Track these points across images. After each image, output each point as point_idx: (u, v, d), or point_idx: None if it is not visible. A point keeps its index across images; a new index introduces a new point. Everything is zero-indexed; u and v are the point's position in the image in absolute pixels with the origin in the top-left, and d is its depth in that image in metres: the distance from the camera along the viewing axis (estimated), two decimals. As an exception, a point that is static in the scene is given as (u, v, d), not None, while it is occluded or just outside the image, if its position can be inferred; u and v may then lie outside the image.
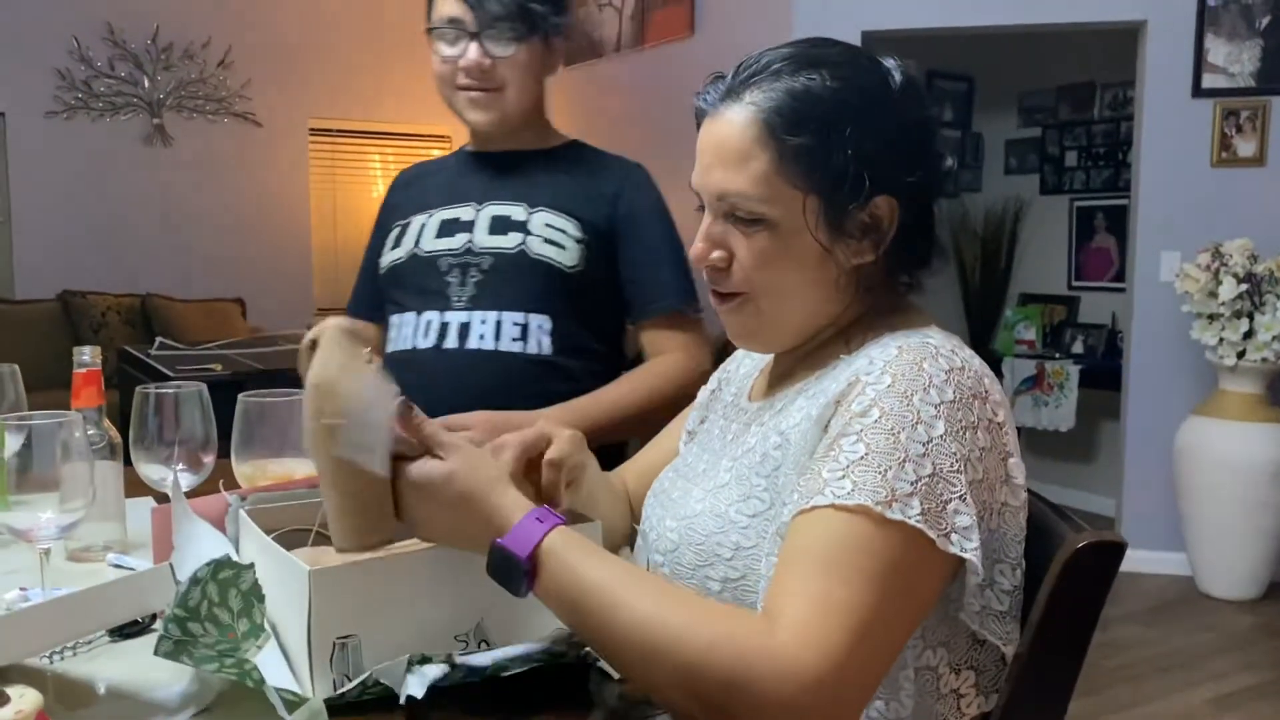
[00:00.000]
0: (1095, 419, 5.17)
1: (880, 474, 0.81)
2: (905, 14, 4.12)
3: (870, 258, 0.94)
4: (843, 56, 0.95)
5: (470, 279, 1.58)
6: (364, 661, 0.83)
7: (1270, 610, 3.81)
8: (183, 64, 6.17)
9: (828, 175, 0.91)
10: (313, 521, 0.99)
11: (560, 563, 0.82)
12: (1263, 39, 3.97)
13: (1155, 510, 4.15)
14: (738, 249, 0.95)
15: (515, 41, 1.57)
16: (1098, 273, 5.44)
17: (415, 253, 1.63)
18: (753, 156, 0.92)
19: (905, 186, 0.93)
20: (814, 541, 0.80)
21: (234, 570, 0.81)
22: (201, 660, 0.79)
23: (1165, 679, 3.21)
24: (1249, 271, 3.73)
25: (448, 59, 1.60)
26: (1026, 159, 5.74)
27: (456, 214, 1.64)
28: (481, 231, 1.60)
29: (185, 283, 6.06)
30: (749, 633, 0.77)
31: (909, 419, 0.83)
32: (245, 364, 3.81)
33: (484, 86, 1.60)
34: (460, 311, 1.57)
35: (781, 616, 0.77)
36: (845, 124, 0.90)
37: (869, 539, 0.79)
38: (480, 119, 1.63)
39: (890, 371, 0.86)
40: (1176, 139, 4.06)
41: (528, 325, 1.56)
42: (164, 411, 1.18)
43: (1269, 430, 3.77)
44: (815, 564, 0.79)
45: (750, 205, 0.92)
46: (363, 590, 0.84)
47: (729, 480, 0.97)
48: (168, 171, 6.17)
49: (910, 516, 0.79)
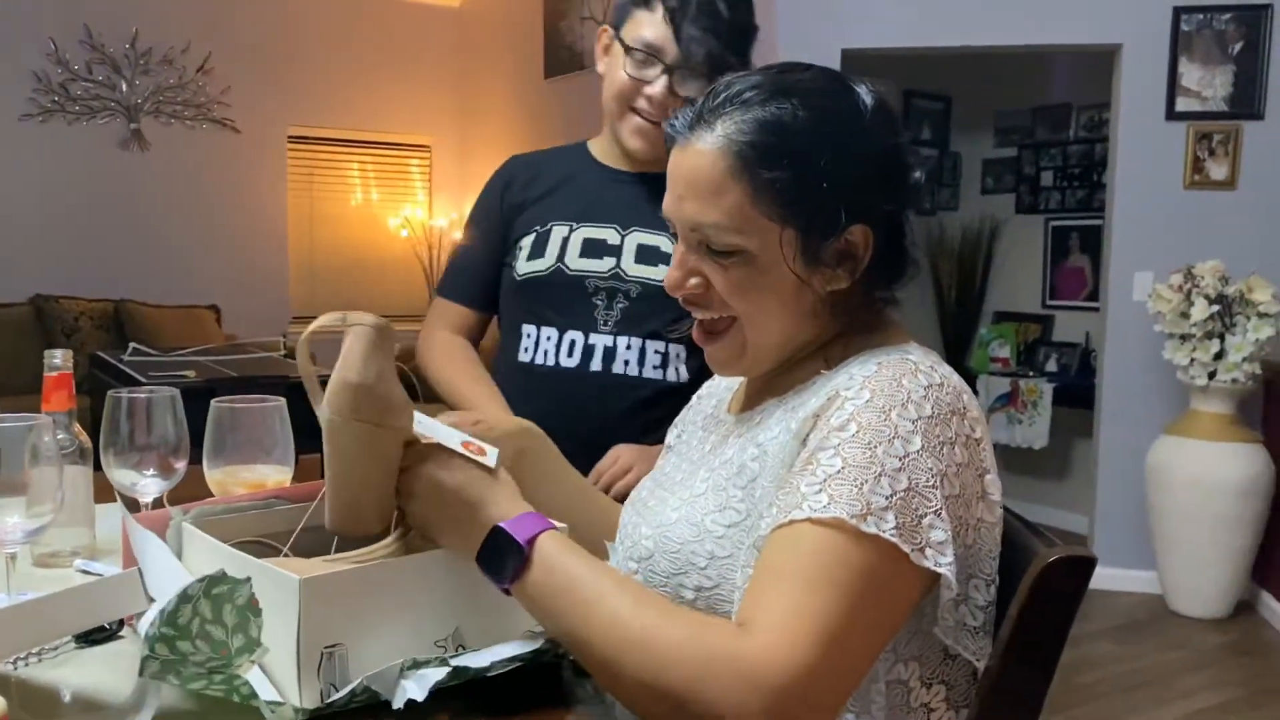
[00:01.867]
0: (1068, 437, 5.21)
1: (856, 488, 0.81)
2: (885, 34, 4.16)
3: (846, 284, 0.95)
4: (814, 83, 0.94)
5: (617, 304, 1.60)
6: (349, 670, 0.83)
7: (1238, 629, 3.85)
8: (161, 69, 6.14)
9: (803, 208, 0.91)
10: (259, 532, 0.99)
11: (552, 556, 0.85)
12: (1235, 64, 4.02)
13: (1127, 528, 4.18)
14: (714, 278, 0.95)
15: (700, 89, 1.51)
16: (1072, 292, 5.49)
17: (560, 268, 1.63)
18: (726, 189, 0.91)
19: (880, 214, 0.93)
20: (789, 555, 0.81)
21: (229, 585, 0.80)
22: (190, 679, 0.78)
23: (1135, 697, 3.23)
24: (1220, 293, 3.78)
25: (635, 80, 1.56)
26: (1003, 178, 5.79)
27: (602, 235, 1.63)
28: (629, 258, 1.61)
29: (160, 289, 6.01)
30: (717, 637, 0.78)
31: (886, 433, 0.83)
32: (219, 371, 3.78)
33: (659, 119, 1.55)
34: (606, 335, 1.60)
35: (752, 624, 0.78)
36: (819, 156, 0.90)
37: (844, 552, 0.79)
38: (641, 148, 1.60)
39: (869, 387, 0.86)
40: (1150, 161, 4.11)
41: (668, 354, 1.59)
42: (136, 416, 1.17)
43: (1239, 450, 3.81)
44: (789, 576, 0.80)
45: (725, 237, 0.92)
46: (349, 599, 0.84)
47: (705, 490, 0.97)
48: (144, 177, 6.13)
49: (885, 530, 0.80)
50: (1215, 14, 4.02)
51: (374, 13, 6.80)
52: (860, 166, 0.92)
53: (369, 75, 6.74)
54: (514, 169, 1.78)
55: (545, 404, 1.54)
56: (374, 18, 6.80)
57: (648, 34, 1.52)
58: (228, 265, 6.34)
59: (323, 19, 6.62)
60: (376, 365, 0.88)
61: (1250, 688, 3.33)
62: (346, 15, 6.69)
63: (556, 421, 1.45)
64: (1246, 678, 3.42)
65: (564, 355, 1.61)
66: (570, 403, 1.57)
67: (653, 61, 1.53)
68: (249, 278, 6.41)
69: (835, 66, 1.19)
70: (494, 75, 6.68)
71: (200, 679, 0.78)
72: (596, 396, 1.58)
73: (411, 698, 0.80)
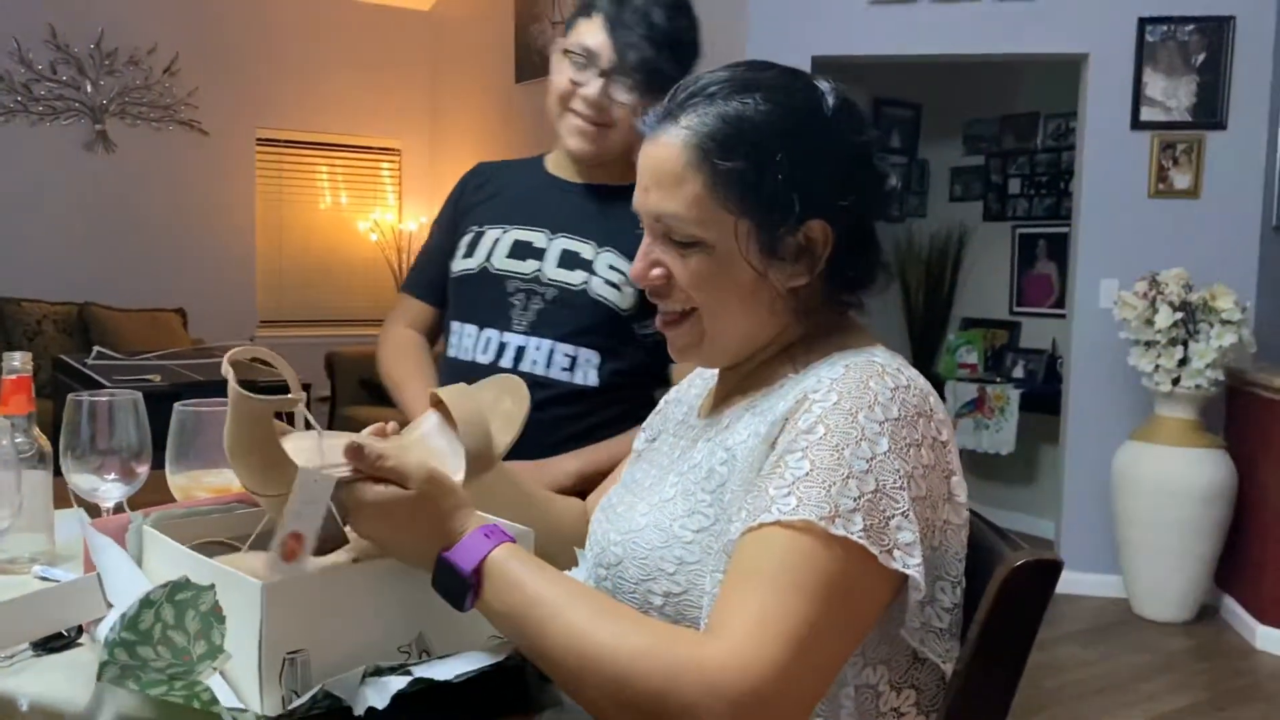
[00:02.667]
0: (1035, 442, 5.26)
1: (824, 490, 0.81)
2: (855, 41, 4.19)
3: (805, 280, 0.95)
4: (778, 80, 0.96)
5: (533, 305, 1.65)
6: (311, 676, 0.82)
7: (1201, 633, 3.89)
8: (127, 70, 6.07)
9: (759, 199, 0.92)
10: (221, 534, 0.99)
11: (502, 578, 0.84)
12: (1198, 75, 4.08)
13: (1093, 533, 4.23)
14: (675, 269, 0.96)
15: (637, 93, 1.59)
16: (1038, 299, 5.54)
17: (486, 268, 1.69)
18: (686, 180, 0.93)
19: (839, 210, 0.94)
20: (758, 558, 0.81)
21: (193, 591, 0.79)
22: (149, 685, 0.77)
23: (1101, 700, 3.26)
24: (1184, 300, 3.83)
25: (572, 82, 1.62)
26: (971, 186, 5.84)
27: (530, 238, 1.69)
28: (551, 263, 1.66)
29: (125, 292, 5.94)
30: (680, 645, 0.78)
31: (854, 435, 0.84)
32: (185, 375, 3.74)
33: (595, 121, 1.63)
34: (518, 335, 1.64)
35: (719, 629, 0.78)
36: (776, 149, 0.92)
37: (812, 555, 0.80)
38: (579, 148, 1.66)
39: (836, 389, 0.87)
40: (1116, 170, 4.16)
41: (577, 357, 1.63)
42: (97, 420, 1.15)
43: (1203, 456, 3.86)
44: (757, 580, 0.80)
45: (685, 228, 0.94)
46: (312, 604, 0.84)
47: (674, 495, 0.97)
48: (110, 178, 6.06)
49: (853, 532, 0.80)
50: (1179, 25, 4.08)
51: (344, 15, 6.76)
52: (819, 161, 0.93)
53: (339, 78, 6.70)
54: (473, 175, 1.85)
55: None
56: (344, 20, 6.76)
57: (587, 40, 1.60)
58: (194, 268, 6.28)
59: (292, 21, 6.58)
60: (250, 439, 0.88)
61: (1213, 690, 3.37)
62: (316, 17, 6.65)
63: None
64: (1210, 681, 3.46)
65: (480, 351, 1.66)
66: None
67: (590, 65, 1.60)
68: (216, 281, 6.34)
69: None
70: (464, 79, 6.66)
71: (160, 685, 0.77)
72: None
73: (373, 705, 0.79)
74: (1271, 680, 3.47)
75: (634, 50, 1.56)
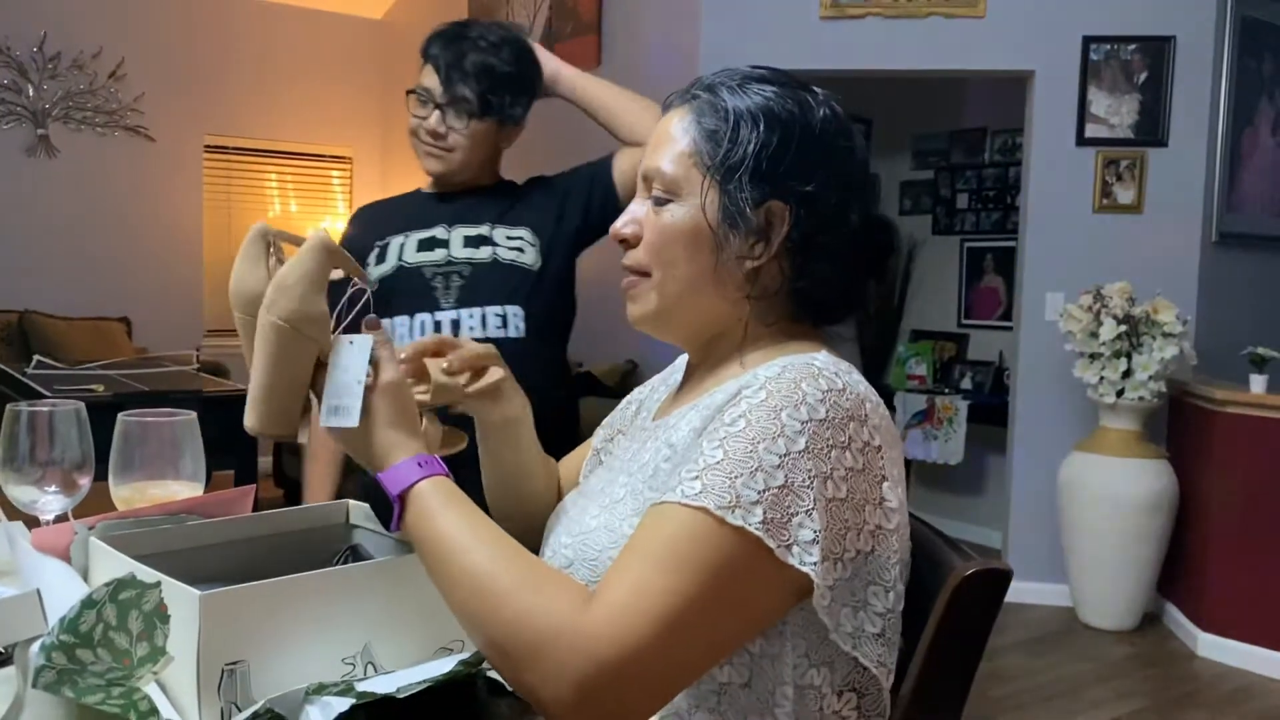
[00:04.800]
0: (982, 453, 5.32)
1: (729, 480, 0.83)
2: (806, 56, 4.23)
3: (760, 261, 0.98)
4: (779, 78, 1.02)
5: (453, 284, 1.86)
6: (251, 688, 0.80)
7: (1144, 640, 3.96)
8: (71, 74, 5.96)
9: (728, 161, 0.97)
10: (167, 546, 0.98)
11: (424, 508, 0.88)
12: (1140, 94, 4.17)
13: (1039, 542, 4.28)
14: (646, 224, 1.02)
15: (471, 119, 1.89)
16: (986, 311, 5.62)
17: (401, 265, 1.89)
18: (676, 140, 1.00)
19: (801, 195, 0.97)
20: (652, 533, 0.84)
21: (137, 590, 0.77)
22: (85, 692, 0.74)
23: (1047, 708, 3.30)
24: (1127, 313, 3.90)
25: (417, 118, 1.92)
26: (920, 200, 5.92)
27: (432, 233, 1.91)
28: (456, 246, 1.89)
29: (67, 300, 5.82)
30: (564, 606, 0.81)
31: (772, 431, 0.85)
32: (129, 385, 3.67)
33: (438, 146, 1.91)
34: (449, 311, 1.84)
35: (601, 595, 0.81)
36: (757, 123, 0.97)
37: (703, 538, 0.82)
38: (432, 168, 1.95)
39: (768, 388, 0.88)
40: (1061, 185, 4.24)
41: (506, 315, 1.84)
42: (37, 430, 1.13)
43: (1146, 466, 3.93)
44: (646, 553, 0.82)
45: (664, 181, 1.00)
46: (252, 614, 0.82)
47: (623, 495, 0.99)
48: (52, 184, 5.94)
49: (751, 524, 0.81)
50: (1121, 45, 4.16)
51: (295, 22, 6.70)
52: (793, 144, 0.97)
53: (289, 85, 6.64)
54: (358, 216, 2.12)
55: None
56: (295, 27, 6.69)
57: (425, 81, 1.91)
58: (140, 276, 6.17)
59: (241, 27, 6.50)
60: (302, 272, 0.93)
61: (1156, 698, 3.43)
62: (266, 23, 6.58)
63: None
64: (1153, 688, 3.52)
65: (417, 335, 1.82)
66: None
67: (428, 102, 1.90)
68: (162, 289, 6.24)
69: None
70: (417, 88, 6.61)
71: (98, 692, 0.75)
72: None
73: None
74: (1212, 686, 3.54)
75: (460, 87, 1.86)
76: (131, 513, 1.02)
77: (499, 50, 1.89)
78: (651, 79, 4.45)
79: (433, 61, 1.90)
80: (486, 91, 1.87)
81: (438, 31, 1.93)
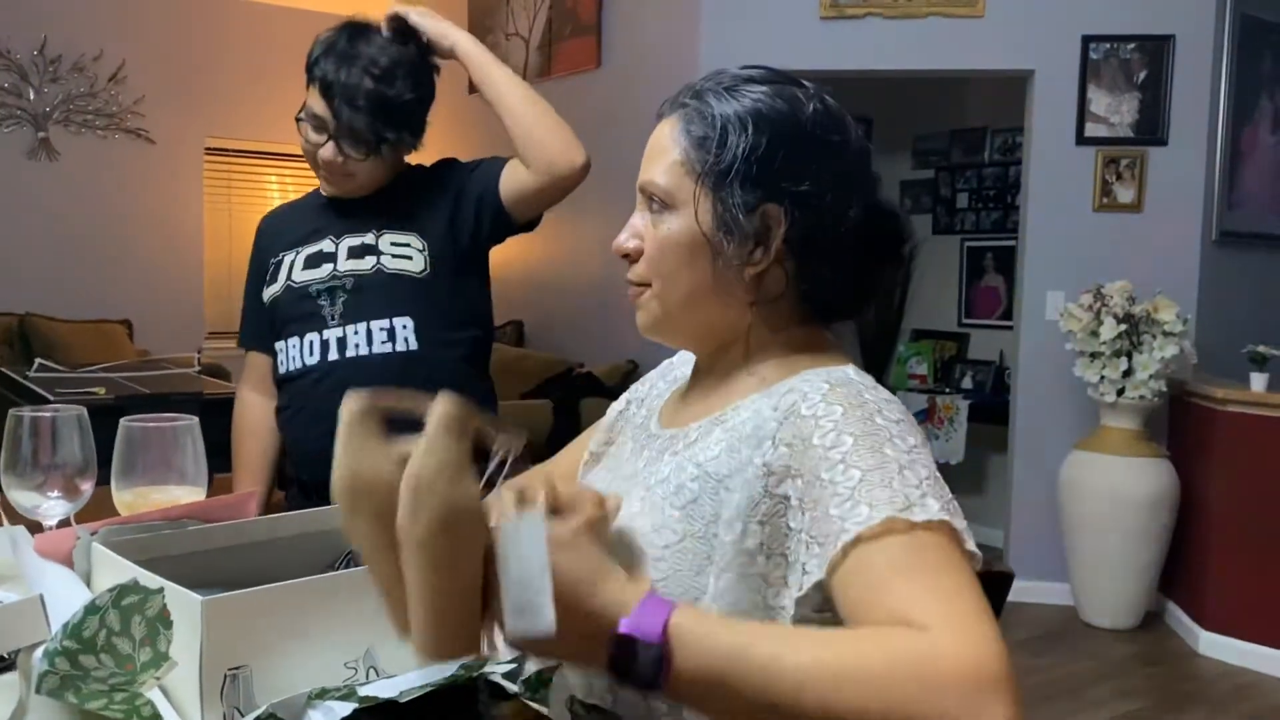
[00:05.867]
0: (983, 452, 5.32)
1: (886, 487, 0.81)
2: (806, 56, 4.22)
3: (761, 266, 0.97)
4: (773, 76, 1.01)
5: (339, 300, 1.79)
6: (254, 692, 0.81)
7: (1146, 639, 3.96)
8: (71, 77, 5.97)
9: (718, 168, 0.96)
10: (170, 550, 0.97)
11: (695, 636, 0.72)
12: (1140, 92, 4.17)
13: (1040, 541, 4.28)
14: (646, 236, 1.01)
15: (364, 149, 1.76)
16: (987, 311, 5.62)
17: (289, 284, 1.83)
18: (669, 150, 0.99)
19: (795, 195, 0.96)
20: (874, 574, 0.78)
21: (140, 595, 0.77)
22: (89, 697, 0.75)
23: (1049, 707, 3.30)
24: (1128, 312, 3.90)
25: (310, 144, 1.80)
26: (920, 199, 5.91)
27: (319, 247, 1.84)
28: (342, 259, 1.81)
29: (69, 303, 5.82)
30: (915, 642, 0.71)
31: (883, 435, 0.85)
32: (131, 388, 3.67)
33: (336, 173, 1.81)
34: (335, 328, 1.78)
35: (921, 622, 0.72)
36: (746, 127, 0.96)
37: (908, 547, 0.78)
38: (332, 192, 1.86)
39: (836, 402, 0.87)
40: (1061, 184, 4.23)
41: (393, 328, 1.77)
42: (39, 435, 1.13)
43: (1147, 465, 3.93)
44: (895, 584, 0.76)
45: (659, 192, 0.99)
46: (254, 619, 0.82)
47: (641, 509, 0.96)
48: (53, 187, 5.94)
49: (933, 513, 0.80)
50: (1121, 44, 4.16)
51: (295, 24, 6.69)
52: (790, 150, 0.96)
53: (289, 87, 6.60)
54: (262, 225, 2.02)
55: (302, 404, 1.79)
56: (295, 29, 6.67)
57: (315, 108, 1.77)
58: (141, 279, 6.17)
59: (241, 29, 6.51)
60: (439, 463, 0.73)
61: (1158, 696, 3.43)
62: (266, 26, 6.58)
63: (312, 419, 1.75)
64: (1154, 687, 3.52)
65: (306, 356, 1.79)
66: (319, 391, 1.75)
67: (321, 129, 1.77)
68: (163, 292, 6.24)
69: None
70: (417, 89, 6.61)
71: (100, 697, 0.75)
72: (340, 382, 1.64)
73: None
74: (1214, 685, 3.54)
75: (351, 119, 1.72)
76: (134, 518, 1.03)
77: (393, 78, 1.74)
78: (652, 80, 4.45)
79: (321, 86, 1.75)
80: (383, 127, 1.74)
81: (327, 46, 1.76)
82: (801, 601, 0.85)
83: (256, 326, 1.94)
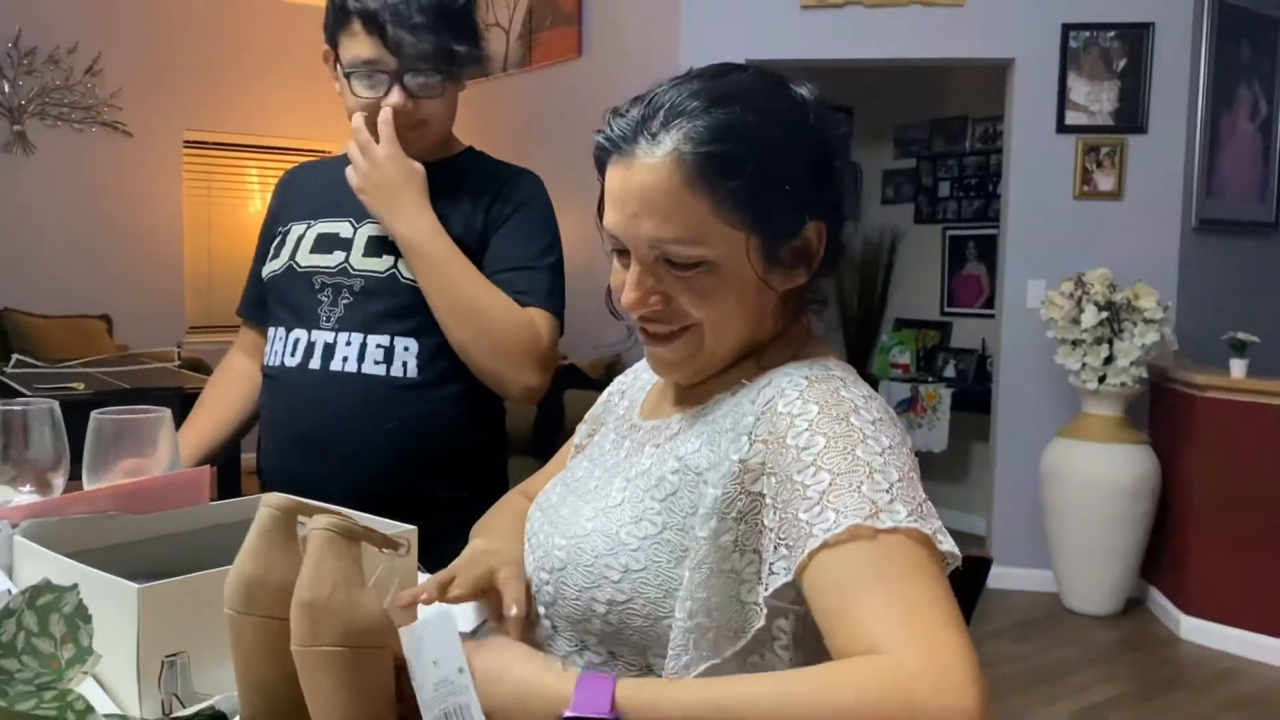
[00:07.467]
0: (966, 440, 5.34)
1: (855, 492, 0.80)
2: (787, 45, 4.22)
3: (803, 280, 0.96)
4: (753, 85, 0.94)
5: (341, 299, 1.55)
6: (191, 679, 0.81)
7: (1128, 625, 3.98)
8: (47, 69, 5.91)
9: (765, 212, 0.90)
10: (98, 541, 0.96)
11: (644, 704, 0.73)
12: (1120, 80, 4.18)
13: (1023, 528, 4.31)
14: (675, 292, 0.93)
15: (440, 83, 1.52)
16: (969, 299, 5.64)
17: (292, 266, 1.59)
18: (684, 201, 0.89)
19: (829, 209, 0.95)
20: (839, 583, 0.78)
21: (54, 594, 0.76)
22: (17, 699, 0.74)
23: (1031, 693, 3.32)
24: (1108, 300, 3.92)
25: (366, 99, 1.52)
26: (902, 189, 5.92)
27: (335, 229, 1.59)
28: (358, 253, 1.57)
29: (47, 298, 5.77)
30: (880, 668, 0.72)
31: (856, 437, 0.83)
32: (110, 383, 3.64)
33: (410, 125, 1.53)
34: (327, 331, 1.54)
35: (885, 641, 0.73)
36: (773, 158, 0.90)
37: (876, 555, 0.77)
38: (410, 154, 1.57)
39: (813, 400, 0.86)
40: (1042, 172, 4.25)
41: (393, 349, 1.52)
42: (11, 430, 1.12)
43: (1128, 451, 3.96)
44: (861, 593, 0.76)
45: (687, 250, 0.90)
46: (190, 606, 0.82)
47: (621, 500, 0.96)
48: (29, 181, 5.88)
49: (901, 521, 0.79)
50: (1101, 32, 4.18)
51: (275, 16, 6.65)
52: (810, 164, 0.94)
53: (268, 79, 6.59)
54: (282, 180, 1.77)
55: (274, 403, 1.60)
56: (275, 20, 6.65)
57: (362, 52, 1.50)
58: (120, 274, 6.12)
59: (219, 20, 6.45)
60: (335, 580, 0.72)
61: (1141, 681, 3.46)
62: (244, 17, 6.53)
63: (282, 422, 1.58)
64: (1137, 672, 3.55)
65: (288, 354, 1.57)
66: (293, 401, 1.55)
67: (378, 75, 1.50)
68: (142, 286, 6.19)
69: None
70: (398, 81, 6.58)
71: (30, 698, 0.74)
72: (312, 394, 1.53)
73: None
74: (1195, 669, 3.56)
75: (413, 43, 1.47)
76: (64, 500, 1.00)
77: None
78: (633, 70, 4.44)
79: (364, 20, 1.49)
80: (450, 38, 1.49)
81: None
82: (773, 598, 0.85)
83: (253, 297, 1.73)
